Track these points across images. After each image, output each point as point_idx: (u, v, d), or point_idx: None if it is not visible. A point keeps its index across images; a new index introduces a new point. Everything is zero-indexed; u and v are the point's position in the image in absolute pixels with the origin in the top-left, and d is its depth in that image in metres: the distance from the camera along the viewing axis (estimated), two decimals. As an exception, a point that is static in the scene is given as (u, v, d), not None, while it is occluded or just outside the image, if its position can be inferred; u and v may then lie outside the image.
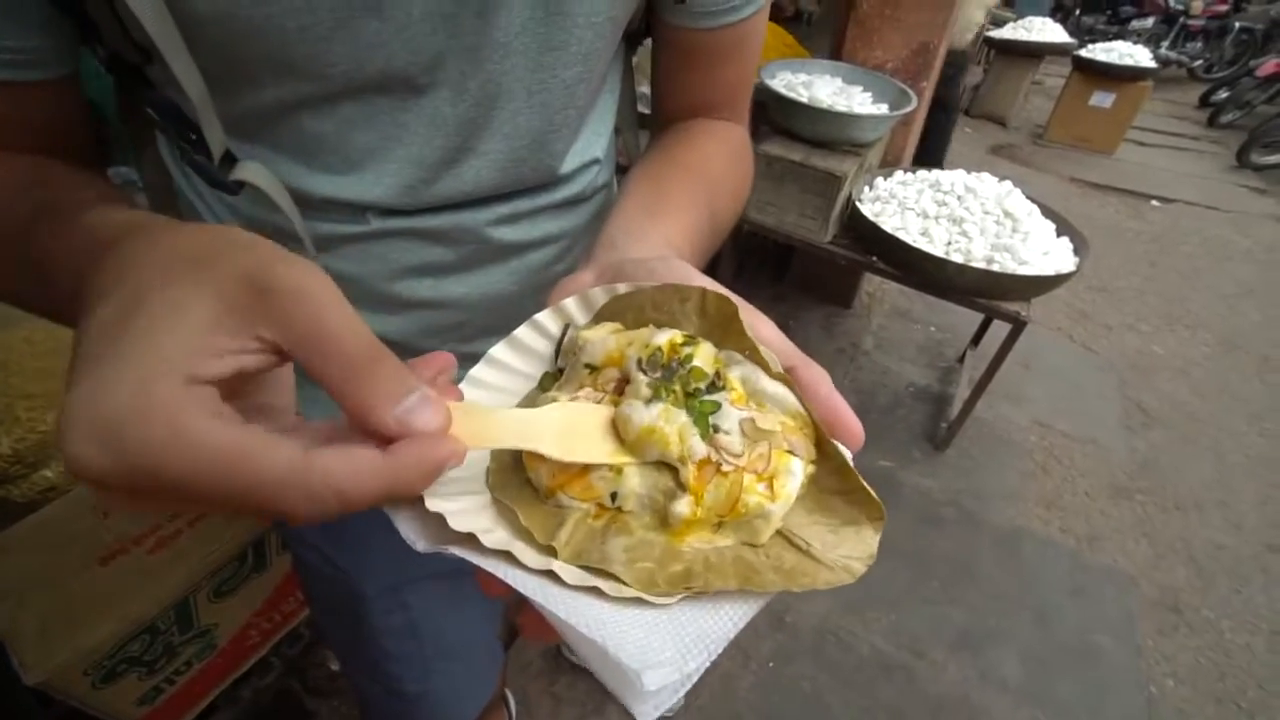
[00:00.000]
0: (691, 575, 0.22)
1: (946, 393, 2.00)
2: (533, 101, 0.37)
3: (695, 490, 0.22)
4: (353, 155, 0.36)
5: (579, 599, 0.21)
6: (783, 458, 0.22)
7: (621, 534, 0.23)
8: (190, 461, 0.16)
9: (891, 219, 1.54)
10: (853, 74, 1.70)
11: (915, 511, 1.66)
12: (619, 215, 0.36)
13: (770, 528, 0.22)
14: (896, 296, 2.41)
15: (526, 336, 0.28)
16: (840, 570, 0.22)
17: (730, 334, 0.25)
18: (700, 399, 0.23)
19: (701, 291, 0.25)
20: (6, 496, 0.83)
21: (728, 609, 0.21)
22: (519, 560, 0.21)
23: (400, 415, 0.18)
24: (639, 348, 0.24)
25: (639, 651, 0.19)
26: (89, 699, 0.71)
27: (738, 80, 0.47)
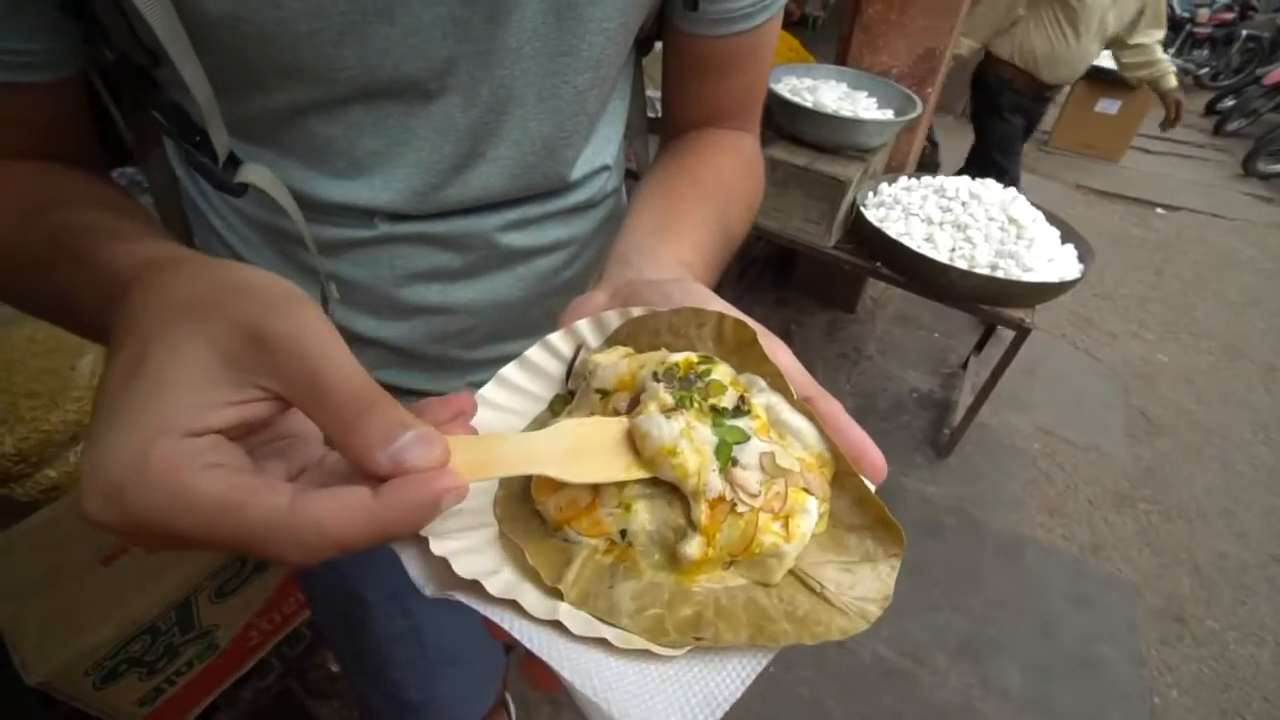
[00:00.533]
0: (702, 623, 0.21)
1: (950, 399, 2.00)
2: (543, 107, 0.37)
3: (707, 529, 0.21)
4: (361, 160, 0.35)
5: (585, 652, 0.20)
6: (799, 496, 0.22)
7: (630, 576, 0.22)
8: (185, 514, 0.17)
9: (895, 225, 1.54)
10: (858, 79, 1.70)
11: (918, 518, 1.65)
12: (631, 231, 0.35)
13: (784, 568, 0.22)
14: (901, 302, 2.41)
15: (538, 357, 0.28)
16: (855, 616, 0.21)
17: (750, 359, 0.24)
18: (726, 424, 0.22)
19: (719, 316, 0.25)
20: (10, 495, 0.83)
21: (735, 663, 0.21)
22: (524, 609, 0.21)
23: (393, 454, 0.18)
24: (654, 365, 0.23)
25: (643, 716, 0.19)
26: (90, 699, 0.71)
27: (749, 89, 0.47)
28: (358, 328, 0.43)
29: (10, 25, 0.28)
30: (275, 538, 0.17)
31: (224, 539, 0.17)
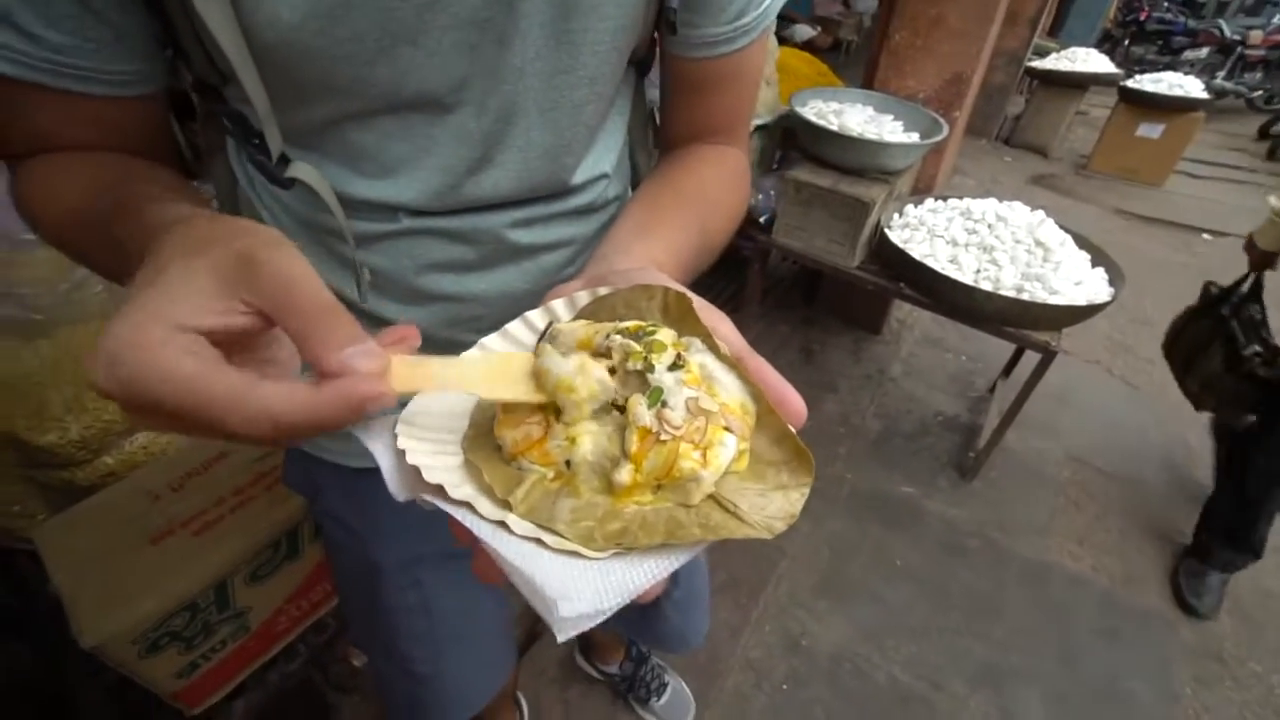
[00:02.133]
0: (625, 533, 0.25)
1: (975, 423, 1.97)
2: (545, 119, 0.42)
3: (636, 458, 0.25)
4: (389, 163, 0.41)
5: (524, 546, 0.24)
6: (718, 432, 0.25)
7: (571, 496, 0.26)
8: (162, 383, 0.20)
9: (920, 246, 1.55)
10: (885, 103, 1.72)
11: (939, 540, 1.63)
12: (612, 234, 0.40)
13: (701, 491, 0.25)
14: (928, 324, 2.39)
15: (516, 329, 0.32)
16: (760, 528, 0.24)
17: (687, 323, 0.29)
18: (652, 379, 0.26)
19: (664, 290, 0.29)
20: (72, 479, 0.90)
21: (650, 563, 0.24)
22: (477, 511, 0.25)
23: (341, 358, 0.21)
24: (608, 329, 0.28)
25: (561, 586, 0.23)
26: (135, 668, 0.76)
27: (735, 107, 0.50)
28: (385, 312, 0.48)
29: (115, 53, 0.35)
30: (229, 411, 0.20)
31: (190, 409, 0.20)
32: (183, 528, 0.82)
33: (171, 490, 0.87)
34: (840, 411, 1.98)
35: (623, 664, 1.27)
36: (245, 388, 0.21)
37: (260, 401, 0.21)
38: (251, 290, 0.22)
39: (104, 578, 0.76)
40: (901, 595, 1.51)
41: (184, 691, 0.82)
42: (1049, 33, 4.61)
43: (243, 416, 0.20)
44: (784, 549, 1.58)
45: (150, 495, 0.85)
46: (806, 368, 2.14)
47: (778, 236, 1.70)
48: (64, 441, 0.87)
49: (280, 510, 0.86)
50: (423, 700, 0.71)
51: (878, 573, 1.55)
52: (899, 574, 1.56)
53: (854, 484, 1.76)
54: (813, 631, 1.43)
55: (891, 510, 1.70)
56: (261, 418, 0.20)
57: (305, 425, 0.21)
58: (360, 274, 0.45)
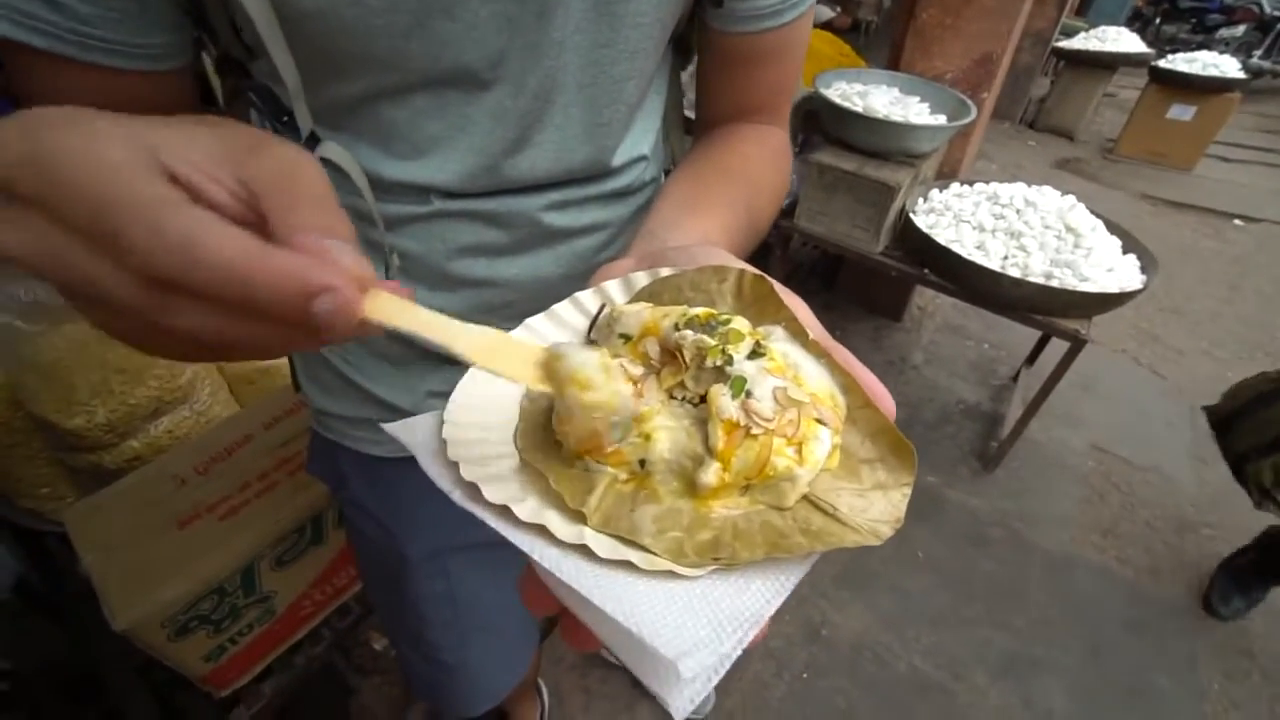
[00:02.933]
0: (719, 545, 0.22)
1: (998, 412, 1.94)
2: (583, 96, 0.40)
3: (723, 454, 0.22)
4: (422, 143, 0.39)
5: (613, 578, 0.21)
6: (811, 425, 0.23)
7: (650, 501, 0.23)
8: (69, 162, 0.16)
9: (946, 231, 1.51)
10: (910, 84, 1.68)
11: (960, 530, 1.62)
12: (659, 210, 0.38)
13: (797, 491, 0.23)
14: (949, 311, 2.35)
15: (565, 311, 0.29)
16: (867, 533, 0.22)
17: (767, 309, 0.26)
18: (732, 370, 0.23)
19: (739, 272, 0.27)
20: (99, 463, 0.91)
21: (759, 585, 0.21)
22: (552, 533, 0.22)
23: (319, 241, 0.17)
24: (675, 316, 0.25)
25: (675, 635, 0.19)
26: (165, 650, 0.77)
27: (778, 84, 0.49)
28: (415, 298, 0.47)
29: (139, 25, 0.33)
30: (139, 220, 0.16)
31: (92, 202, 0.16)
32: (209, 512, 0.83)
33: (197, 474, 0.87)
34: (860, 400, 1.96)
35: (642, 651, 1.27)
36: (176, 201, 0.16)
37: (186, 222, 0.16)
38: (251, 168, 0.19)
39: (133, 561, 0.77)
40: (923, 585, 1.50)
41: (212, 674, 0.83)
42: (1076, 11, 4.47)
43: (152, 230, 0.15)
44: (803, 538, 1.57)
45: (176, 479, 0.86)
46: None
47: (800, 221, 1.67)
48: (91, 425, 0.88)
49: (304, 496, 0.87)
50: (447, 688, 0.71)
51: (899, 562, 1.54)
52: (920, 564, 1.54)
53: (874, 473, 1.74)
54: (833, 621, 1.42)
55: (914, 499, 1.65)
56: (177, 242, 0.15)
57: (229, 279, 0.16)
58: (389, 259, 0.44)
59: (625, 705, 1.26)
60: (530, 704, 1.18)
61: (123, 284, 0.16)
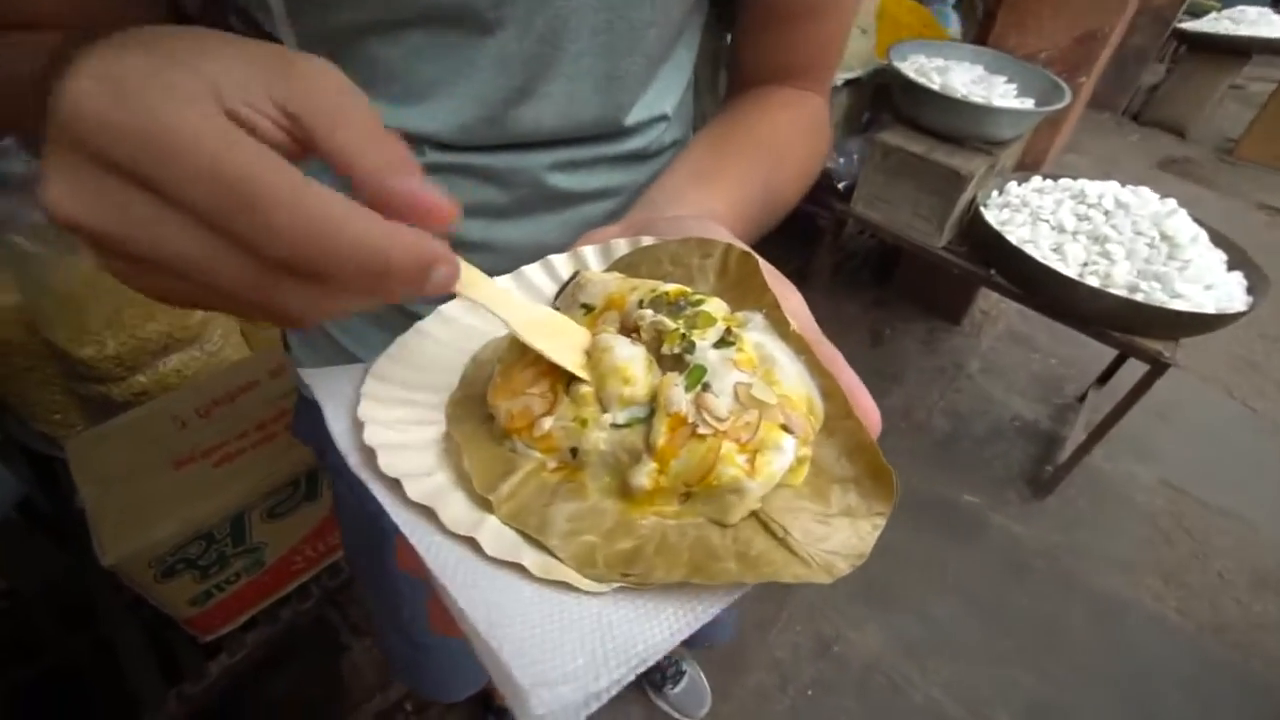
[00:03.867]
0: (637, 558, 0.20)
1: (1058, 433, 1.83)
2: (597, 43, 0.37)
3: (663, 453, 0.20)
4: (416, 86, 0.37)
5: (495, 578, 0.19)
6: (774, 433, 0.20)
7: (574, 497, 0.21)
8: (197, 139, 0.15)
9: (1019, 229, 1.41)
10: (998, 61, 1.56)
11: (1000, 557, 1.54)
12: (664, 178, 0.36)
13: (744, 506, 0.20)
14: (1015, 318, 2.23)
15: (534, 274, 0.28)
16: (818, 567, 0.19)
17: (750, 291, 0.24)
18: (693, 359, 0.21)
19: (725, 247, 0.24)
20: (108, 394, 0.95)
21: (670, 613, 0.19)
22: (440, 520, 0.20)
23: (416, 189, 0.17)
24: (645, 292, 0.23)
25: (541, 658, 0.17)
26: (151, 590, 0.80)
27: (822, 44, 0.45)
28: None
29: None
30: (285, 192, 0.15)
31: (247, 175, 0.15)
32: (205, 456, 0.85)
33: (198, 416, 0.89)
34: (904, 405, 1.88)
35: (639, 645, 1.26)
36: (304, 184, 0.15)
37: (324, 203, 0.15)
38: (293, 92, 0.17)
39: (126, 498, 0.79)
40: (951, 612, 1.43)
41: (197, 618, 0.86)
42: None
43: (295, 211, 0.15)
44: (825, 546, 1.53)
45: (178, 420, 0.88)
46: (872, 353, 2.03)
47: (856, 206, 1.59)
48: (101, 356, 0.90)
49: (301, 450, 0.87)
50: (425, 669, 0.71)
51: (927, 585, 1.48)
52: (951, 589, 1.48)
53: (911, 486, 1.68)
54: (847, 637, 1.38)
55: (950, 519, 1.61)
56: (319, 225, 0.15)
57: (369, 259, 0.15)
58: None
59: (615, 699, 1.26)
60: (518, 686, 1.19)
61: (234, 264, 0.16)
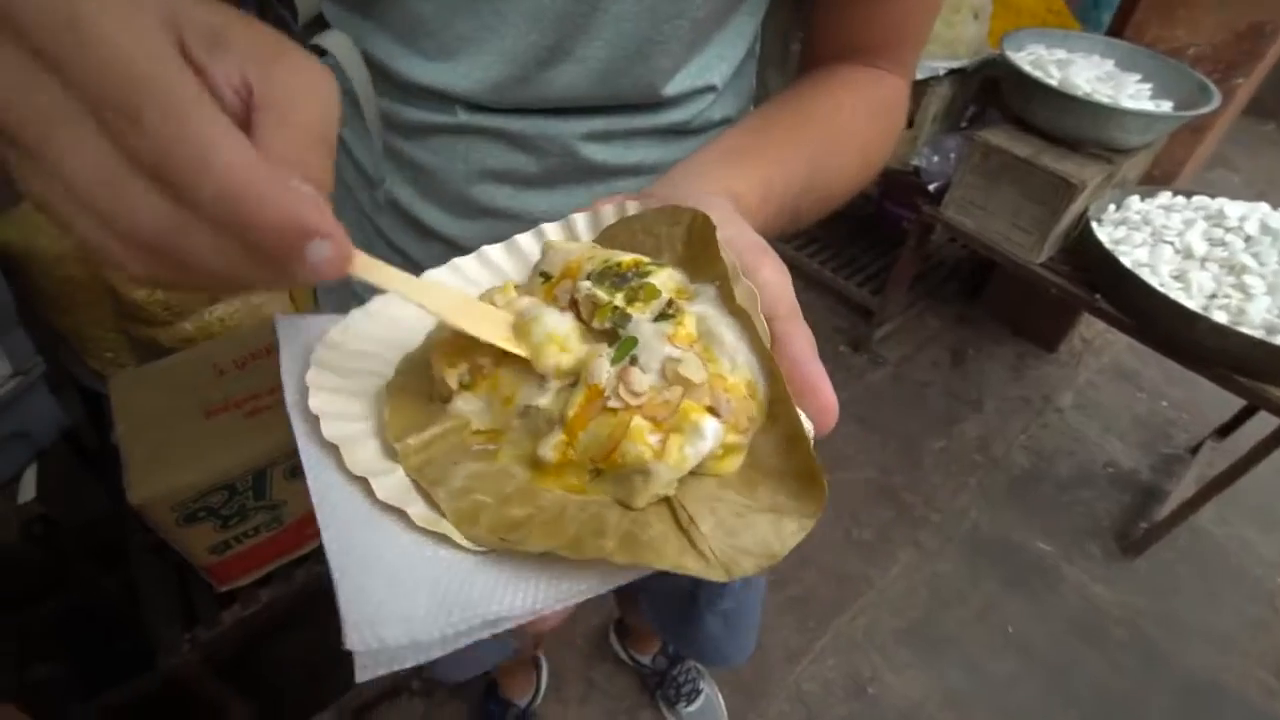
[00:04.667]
0: (523, 526, 0.19)
1: (1160, 486, 1.67)
2: (640, 5, 0.35)
3: (572, 425, 0.20)
4: (449, 42, 0.37)
5: (377, 523, 0.20)
6: (695, 412, 0.19)
7: (483, 459, 0.22)
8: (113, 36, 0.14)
9: (1136, 251, 1.28)
10: (1133, 56, 1.42)
11: (1071, 616, 1.42)
12: (698, 152, 0.34)
13: (649, 491, 0.20)
14: (1123, 352, 2.04)
15: (525, 243, 0.29)
16: (715, 563, 0.18)
17: (707, 262, 0.22)
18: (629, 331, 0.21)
19: (692, 215, 0.23)
20: (155, 338, 1.00)
21: (538, 584, 0.19)
22: (345, 458, 0.21)
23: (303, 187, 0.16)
24: (598, 262, 0.23)
25: (383, 599, 0.18)
26: (172, 534, 0.83)
27: (905, 21, 0.42)
28: (428, 220, 0.45)
29: None
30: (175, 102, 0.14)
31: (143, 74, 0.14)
32: (236, 407, 0.87)
33: (236, 367, 0.92)
34: (981, 435, 1.76)
35: (656, 657, 1.24)
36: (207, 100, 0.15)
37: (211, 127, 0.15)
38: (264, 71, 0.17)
39: (158, 440, 0.82)
40: (1006, 669, 1.33)
41: (215, 567, 0.89)
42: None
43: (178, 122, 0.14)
44: (872, 578, 1.45)
45: (215, 369, 0.91)
46: (951, 374, 1.91)
47: (947, 210, 1.49)
48: (151, 299, 0.95)
49: (328, 411, 0.89)
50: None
51: (982, 635, 1.38)
52: (1009, 643, 1.37)
53: (979, 524, 1.57)
54: (885, 680, 1.30)
55: (1018, 566, 1.49)
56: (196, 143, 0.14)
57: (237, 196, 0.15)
58: (380, 177, 0.43)
59: (626, 708, 1.24)
60: (525, 677, 1.19)
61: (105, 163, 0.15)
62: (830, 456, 1.67)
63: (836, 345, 1.98)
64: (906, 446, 1.71)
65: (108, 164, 0.15)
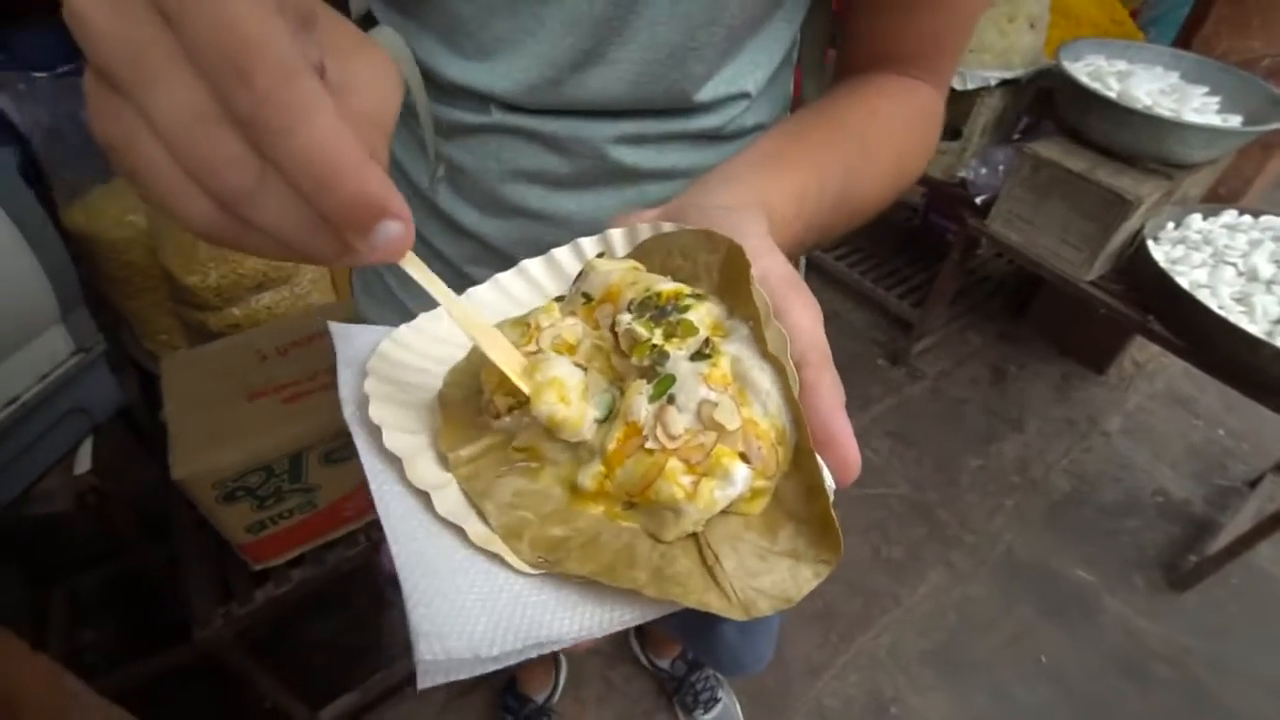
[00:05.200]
0: (560, 547, 0.21)
1: (1213, 519, 1.59)
2: (676, 11, 0.35)
3: (611, 459, 0.21)
4: (487, 43, 0.37)
5: (438, 536, 0.21)
6: (728, 459, 0.20)
7: (526, 476, 0.23)
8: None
9: (1194, 271, 1.22)
10: (1200, 68, 1.36)
11: (1111, 650, 1.36)
12: (732, 159, 0.34)
13: (680, 528, 0.21)
14: (1178, 377, 1.95)
15: (563, 257, 0.29)
16: (736, 603, 0.19)
17: (740, 299, 0.22)
18: (661, 370, 0.21)
19: (729, 246, 0.23)
20: (205, 322, 1.04)
21: (586, 610, 0.20)
22: (407, 471, 0.22)
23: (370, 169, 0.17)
24: (639, 290, 0.23)
25: (447, 613, 0.19)
26: (211, 511, 0.86)
27: (942, 31, 0.41)
28: (461, 218, 0.46)
29: None
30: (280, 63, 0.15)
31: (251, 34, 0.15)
32: (276, 392, 0.91)
33: (278, 353, 0.96)
34: (1021, 456, 1.70)
35: (675, 662, 1.23)
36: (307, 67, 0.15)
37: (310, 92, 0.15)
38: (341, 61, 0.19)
39: (202, 420, 0.86)
40: (1038, 699, 1.28)
41: (251, 545, 0.92)
42: None
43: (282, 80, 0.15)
44: (899, 596, 1.42)
45: (259, 354, 0.95)
46: (992, 391, 1.86)
47: (993, 224, 1.45)
48: (204, 285, 0.99)
49: (364, 400, 0.91)
50: None
51: (1013, 662, 1.33)
52: (1041, 672, 1.32)
53: (1014, 548, 1.52)
54: (908, 701, 1.27)
55: (1055, 594, 1.44)
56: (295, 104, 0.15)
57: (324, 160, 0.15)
58: (434, 165, 0.44)
59: (643, 711, 1.24)
60: (544, 674, 1.20)
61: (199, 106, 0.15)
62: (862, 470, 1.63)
63: (875, 358, 1.94)
64: (942, 464, 1.67)
65: (201, 107, 0.15)
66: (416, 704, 1.21)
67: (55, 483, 0.94)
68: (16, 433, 0.88)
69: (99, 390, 1.01)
